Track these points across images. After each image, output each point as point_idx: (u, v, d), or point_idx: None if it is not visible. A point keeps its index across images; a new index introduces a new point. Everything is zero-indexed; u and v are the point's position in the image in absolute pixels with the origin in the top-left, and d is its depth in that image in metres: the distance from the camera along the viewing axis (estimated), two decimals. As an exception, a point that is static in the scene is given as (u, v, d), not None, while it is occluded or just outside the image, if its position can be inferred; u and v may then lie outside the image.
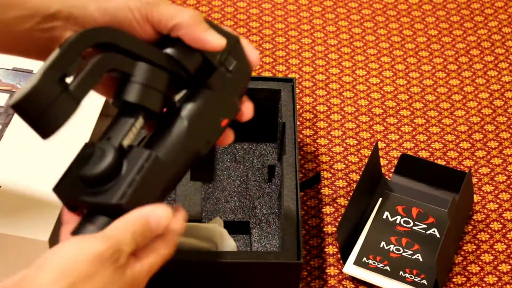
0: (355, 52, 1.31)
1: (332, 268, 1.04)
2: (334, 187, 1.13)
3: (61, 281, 0.64)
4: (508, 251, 1.07)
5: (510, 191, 1.13)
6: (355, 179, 1.14)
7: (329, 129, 1.20)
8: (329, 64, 1.28)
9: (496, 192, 1.13)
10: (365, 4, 1.38)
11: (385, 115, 1.22)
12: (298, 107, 1.22)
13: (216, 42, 0.74)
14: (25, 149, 0.97)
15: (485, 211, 1.11)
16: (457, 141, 1.19)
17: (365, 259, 1.02)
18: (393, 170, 1.13)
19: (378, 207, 1.08)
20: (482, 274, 1.04)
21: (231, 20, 1.34)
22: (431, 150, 1.18)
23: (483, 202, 1.12)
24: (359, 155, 1.16)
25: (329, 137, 1.19)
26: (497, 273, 1.04)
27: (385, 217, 1.07)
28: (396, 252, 1.04)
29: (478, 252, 1.06)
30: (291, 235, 0.93)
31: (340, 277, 1.03)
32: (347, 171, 1.15)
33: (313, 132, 1.19)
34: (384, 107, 1.23)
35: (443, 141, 1.19)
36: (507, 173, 1.15)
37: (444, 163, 1.16)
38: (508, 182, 1.14)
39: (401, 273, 1.01)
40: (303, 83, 1.25)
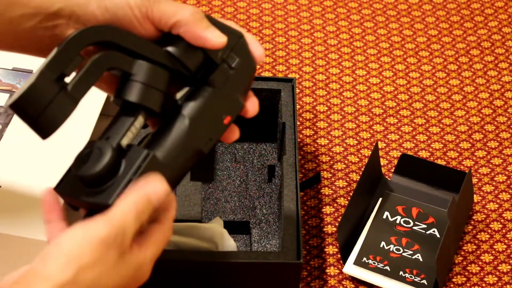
0: (355, 52, 1.31)
1: (332, 268, 1.04)
2: (334, 187, 1.13)
3: (67, 268, 0.63)
4: (508, 251, 1.07)
5: (510, 191, 1.13)
6: (355, 179, 1.14)
7: (329, 129, 1.19)
8: (329, 64, 1.28)
9: (496, 192, 1.13)
10: (365, 4, 1.38)
11: (385, 115, 1.22)
12: (298, 107, 1.22)
13: (217, 40, 0.74)
14: (25, 149, 0.97)
15: (485, 211, 1.11)
16: (457, 141, 1.19)
17: (365, 259, 1.02)
18: (393, 170, 1.13)
19: (378, 207, 1.08)
20: (482, 274, 1.04)
21: (231, 20, 1.34)
22: (431, 150, 1.18)
23: (483, 202, 1.12)
24: (359, 155, 1.16)
25: (329, 137, 1.19)
26: (497, 273, 1.04)
27: (385, 217, 1.07)
28: (396, 252, 1.04)
29: (478, 252, 1.06)
30: (291, 235, 0.93)
31: (340, 277, 1.03)
32: (347, 171, 1.15)
33: (313, 132, 1.19)
34: (384, 107, 1.23)
35: (443, 141, 1.19)
36: (507, 173, 1.15)
37: (444, 163, 1.16)
38: (508, 182, 1.14)
39: (401, 273, 1.01)
40: (303, 83, 1.25)
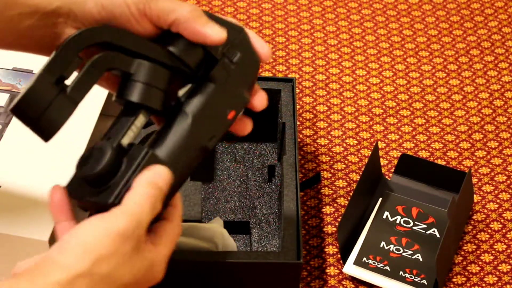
0: (355, 52, 1.31)
1: (332, 268, 1.04)
2: (334, 187, 1.13)
3: (84, 258, 0.64)
4: (508, 251, 1.07)
5: (510, 191, 1.13)
6: (355, 179, 1.14)
7: (329, 129, 1.19)
8: (329, 64, 1.28)
9: (496, 192, 1.13)
10: (365, 4, 1.38)
11: (385, 115, 1.22)
12: (298, 107, 1.22)
13: (216, 35, 0.73)
14: (25, 149, 0.97)
15: (485, 211, 1.11)
16: (457, 141, 1.19)
17: (365, 259, 1.02)
18: (393, 170, 1.13)
19: (378, 207, 1.08)
20: (482, 274, 1.04)
21: (231, 20, 1.34)
22: (431, 150, 1.18)
23: (483, 202, 1.12)
24: (359, 155, 1.16)
25: (329, 137, 1.19)
26: (497, 273, 1.04)
27: (385, 217, 1.07)
28: (396, 252, 1.04)
29: (478, 252, 1.06)
30: (291, 235, 0.93)
31: (340, 277, 1.03)
32: (347, 171, 1.15)
33: (313, 132, 1.19)
34: (384, 107, 1.23)
35: (443, 141, 1.19)
36: (507, 173, 1.15)
37: (444, 163, 1.16)
38: (508, 182, 1.14)
39: (401, 273, 1.01)
40: (303, 83, 1.25)
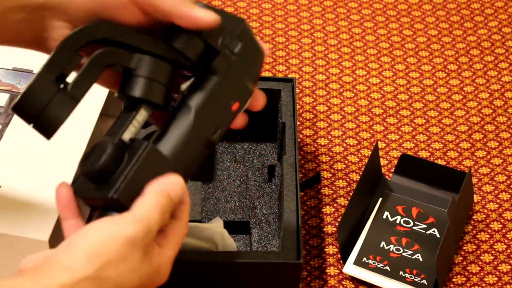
0: (355, 52, 1.31)
1: (332, 268, 1.04)
2: (334, 187, 1.13)
3: (91, 262, 0.63)
4: (508, 251, 1.07)
5: (510, 191, 1.13)
6: (355, 179, 1.14)
7: (329, 129, 1.19)
8: (329, 64, 1.28)
9: (496, 192, 1.13)
10: (365, 4, 1.38)
11: (385, 115, 1.22)
12: (298, 107, 1.22)
13: (207, 18, 0.71)
14: (25, 149, 0.97)
15: (485, 211, 1.11)
16: (457, 141, 1.19)
17: (365, 259, 1.02)
18: (393, 170, 1.13)
19: (378, 207, 1.08)
20: (482, 274, 1.04)
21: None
22: (431, 150, 1.18)
23: (483, 202, 1.12)
24: (359, 155, 1.16)
25: (329, 137, 1.19)
26: (497, 273, 1.04)
27: (385, 217, 1.07)
28: (396, 252, 1.04)
29: (478, 252, 1.06)
30: (291, 235, 0.93)
31: (340, 277, 1.03)
32: (347, 171, 1.15)
33: (313, 132, 1.19)
34: (384, 107, 1.23)
35: (443, 141, 1.19)
36: (507, 173, 1.15)
37: (444, 163, 1.16)
38: (508, 182, 1.14)
39: (401, 273, 1.01)
40: (303, 83, 1.25)
